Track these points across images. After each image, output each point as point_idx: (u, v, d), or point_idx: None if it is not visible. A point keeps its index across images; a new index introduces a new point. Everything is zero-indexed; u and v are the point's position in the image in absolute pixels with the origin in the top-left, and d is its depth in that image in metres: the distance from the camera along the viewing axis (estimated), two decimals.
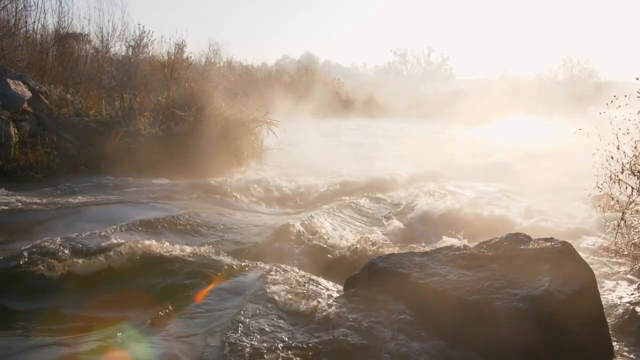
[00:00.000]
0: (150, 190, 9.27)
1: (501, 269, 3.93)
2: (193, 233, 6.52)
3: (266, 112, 13.28)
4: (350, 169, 12.70)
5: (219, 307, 4.22)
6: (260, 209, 8.65)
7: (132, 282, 4.81)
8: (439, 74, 55.45)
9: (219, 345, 3.58)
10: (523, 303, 3.51)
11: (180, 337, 3.76)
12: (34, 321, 4.12)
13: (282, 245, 6.19)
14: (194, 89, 13.54)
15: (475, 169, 12.51)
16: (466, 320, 3.62)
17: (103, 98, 14.00)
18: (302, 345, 3.53)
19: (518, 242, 4.22)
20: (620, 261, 5.44)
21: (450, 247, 4.46)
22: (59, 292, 4.56)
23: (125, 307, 4.39)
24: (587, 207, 8.17)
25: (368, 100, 34.27)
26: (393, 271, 4.18)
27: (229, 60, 29.69)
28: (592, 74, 41.37)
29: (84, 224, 6.48)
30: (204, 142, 11.56)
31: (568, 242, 4.11)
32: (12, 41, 15.74)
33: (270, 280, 4.60)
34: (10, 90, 11.09)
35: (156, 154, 11.05)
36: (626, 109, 5.43)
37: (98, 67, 18.98)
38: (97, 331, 3.93)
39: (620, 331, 4.12)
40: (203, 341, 3.67)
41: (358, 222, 7.74)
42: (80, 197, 8.35)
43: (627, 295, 4.67)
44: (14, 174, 9.63)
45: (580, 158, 8.61)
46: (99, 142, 11.30)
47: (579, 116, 22.01)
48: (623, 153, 5.31)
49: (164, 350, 3.58)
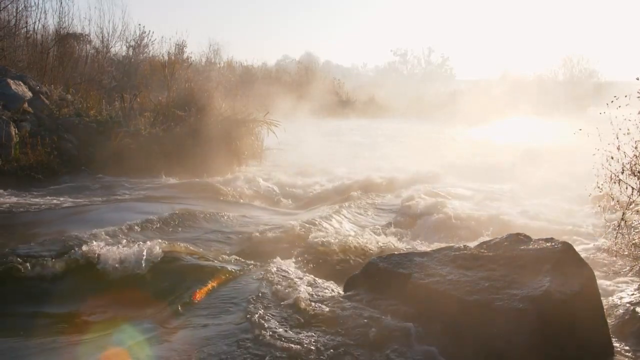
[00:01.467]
0: (151, 190, 9.27)
1: (501, 269, 3.93)
2: (193, 233, 6.52)
3: (266, 112, 13.28)
4: (350, 169, 12.70)
5: (219, 307, 4.22)
6: (260, 209, 8.65)
7: (132, 283, 4.81)
8: (439, 74, 55.41)
9: (219, 346, 3.58)
10: (523, 303, 3.51)
11: (180, 338, 3.76)
12: (34, 322, 4.12)
13: (282, 245, 6.18)
14: (194, 89, 13.55)
15: (475, 169, 12.51)
16: (466, 320, 3.62)
17: (103, 98, 14.01)
18: (302, 345, 3.52)
19: (518, 242, 4.22)
20: (621, 261, 5.44)
21: (450, 248, 4.46)
22: (58, 292, 4.56)
23: (125, 307, 4.39)
24: (587, 208, 8.16)
25: (368, 101, 34.29)
26: (393, 271, 4.18)
27: (229, 61, 29.75)
28: (593, 74, 41.38)
29: (84, 224, 6.48)
30: (204, 142, 11.57)
31: (568, 242, 4.11)
32: (12, 41, 15.75)
33: (269, 281, 4.60)
34: (11, 91, 11.10)
35: (156, 154, 11.06)
36: (626, 109, 5.43)
37: (98, 67, 18.99)
38: (97, 332, 3.94)
39: (621, 331, 4.12)
40: (203, 342, 3.67)
41: (358, 222, 7.74)
42: (80, 197, 8.35)
43: (627, 295, 4.67)
44: (14, 174, 9.64)
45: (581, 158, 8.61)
46: (99, 142, 11.31)
47: (579, 116, 22.02)
48: (623, 153, 5.31)
49: (164, 351, 3.58)
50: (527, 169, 12.52)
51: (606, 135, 5.33)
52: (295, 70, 35.24)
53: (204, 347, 3.59)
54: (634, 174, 5.31)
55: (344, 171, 12.20)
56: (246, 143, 12.77)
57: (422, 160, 14.45)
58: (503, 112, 26.60)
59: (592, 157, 5.38)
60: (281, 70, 34.62)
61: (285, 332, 3.69)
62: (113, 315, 4.24)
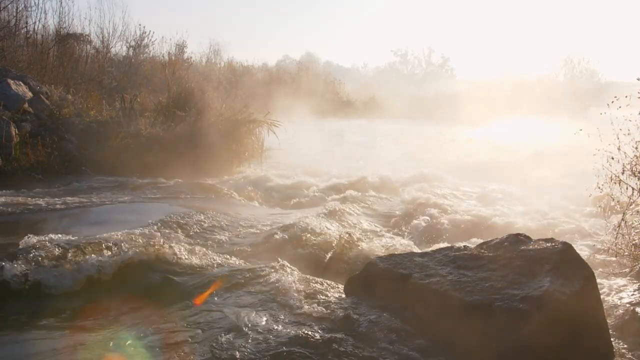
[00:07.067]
0: (151, 191, 9.27)
1: (501, 269, 3.92)
2: (192, 233, 6.52)
3: (267, 113, 13.29)
4: (350, 169, 12.71)
5: (219, 308, 4.21)
6: (260, 209, 8.65)
7: (131, 284, 4.80)
8: (440, 74, 55.39)
9: (219, 347, 3.58)
10: (523, 304, 3.51)
11: (180, 339, 3.76)
12: (33, 323, 4.11)
13: (282, 246, 6.18)
14: (195, 89, 13.55)
15: (475, 169, 12.52)
16: (466, 320, 3.62)
17: (104, 98, 14.03)
18: (302, 346, 3.52)
19: (518, 242, 4.21)
20: (621, 262, 5.44)
21: (450, 248, 4.46)
22: (58, 293, 4.55)
23: (124, 308, 4.38)
24: (587, 208, 8.17)
25: (369, 101, 34.29)
26: (393, 272, 4.18)
27: (230, 61, 29.77)
28: (593, 75, 41.42)
29: (84, 224, 6.49)
30: (205, 143, 11.57)
31: (568, 242, 4.10)
32: (12, 41, 15.77)
33: (269, 281, 4.60)
34: (11, 91, 11.11)
35: (157, 154, 11.06)
36: (627, 109, 5.44)
37: (99, 67, 19.00)
38: (97, 332, 3.93)
39: (621, 332, 4.12)
40: (203, 343, 3.67)
41: (358, 223, 7.73)
42: (80, 198, 8.35)
43: (627, 295, 4.66)
44: (14, 174, 9.64)
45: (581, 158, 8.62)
46: (99, 143, 11.31)
47: (580, 117, 22.03)
48: (624, 154, 5.31)
49: (165, 352, 3.58)
50: (528, 169, 12.53)
51: (607, 135, 5.33)
52: (296, 70, 35.24)
53: (204, 349, 3.59)
54: (634, 175, 5.32)
55: (344, 171, 12.21)
56: (246, 143, 12.77)
57: (422, 161, 14.46)
58: (503, 112, 26.61)
59: (593, 157, 5.38)
60: (281, 71, 34.61)
61: (286, 333, 3.69)
62: (111, 317, 4.23)
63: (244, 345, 3.54)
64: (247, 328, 3.76)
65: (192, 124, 12.08)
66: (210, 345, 3.61)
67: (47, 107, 11.90)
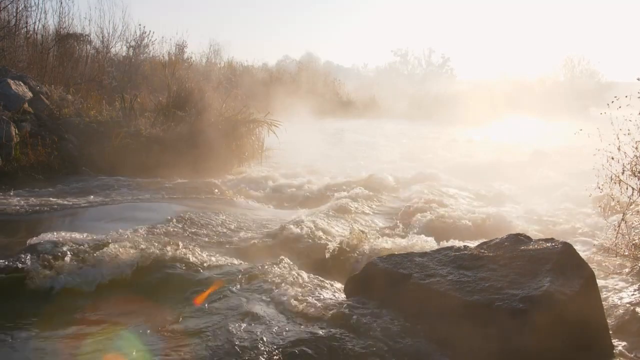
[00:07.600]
0: (151, 191, 9.27)
1: (501, 269, 3.93)
2: (193, 233, 6.52)
3: (267, 113, 13.28)
4: (349, 169, 12.71)
5: (219, 308, 4.22)
6: (260, 209, 8.65)
7: (131, 284, 4.80)
8: (440, 74, 55.41)
9: (219, 346, 3.58)
10: (523, 304, 3.51)
11: (180, 339, 3.76)
12: (33, 323, 4.11)
13: (282, 246, 6.18)
14: (195, 89, 13.54)
15: (475, 170, 12.51)
16: (467, 320, 3.62)
17: (104, 98, 14.00)
18: (301, 346, 3.52)
19: (518, 242, 4.22)
20: (621, 261, 5.44)
21: (450, 248, 4.46)
22: (58, 293, 4.55)
23: (125, 309, 4.38)
24: (587, 208, 8.17)
25: (369, 101, 34.26)
26: (393, 271, 4.18)
27: (230, 61, 29.73)
28: (594, 75, 41.46)
29: (85, 224, 6.48)
30: (205, 143, 11.56)
31: (568, 242, 4.11)
32: (12, 41, 15.75)
33: (270, 281, 4.60)
34: (11, 91, 11.11)
35: (157, 154, 11.06)
36: (627, 109, 5.45)
37: (99, 67, 18.97)
38: (96, 333, 3.93)
39: (621, 332, 4.12)
40: (203, 343, 3.67)
41: (358, 222, 7.73)
42: (80, 198, 8.35)
43: (627, 295, 4.67)
44: (15, 174, 9.63)
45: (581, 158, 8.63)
46: (99, 143, 11.31)
47: (580, 117, 22.03)
48: (624, 154, 5.32)
49: (165, 352, 3.58)
50: (528, 169, 12.53)
51: (607, 135, 5.34)
52: (296, 70, 35.21)
53: (204, 349, 3.59)
54: (634, 175, 5.32)
55: (344, 171, 12.21)
56: (247, 143, 12.77)
57: (422, 161, 14.46)
58: (504, 112, 26.61)
59: (593, 157, 5.39)
60: (282, 71, 34.58)
61: (286, 333, 3.69)
62: (112, 318, 4.23)
63: (244, 345, 3.54)
64: (247, 327, 3.77)
65: (192, 124, 12.08)
66: (211, 345, 3.61)
67: (47, 107, 11.90)
